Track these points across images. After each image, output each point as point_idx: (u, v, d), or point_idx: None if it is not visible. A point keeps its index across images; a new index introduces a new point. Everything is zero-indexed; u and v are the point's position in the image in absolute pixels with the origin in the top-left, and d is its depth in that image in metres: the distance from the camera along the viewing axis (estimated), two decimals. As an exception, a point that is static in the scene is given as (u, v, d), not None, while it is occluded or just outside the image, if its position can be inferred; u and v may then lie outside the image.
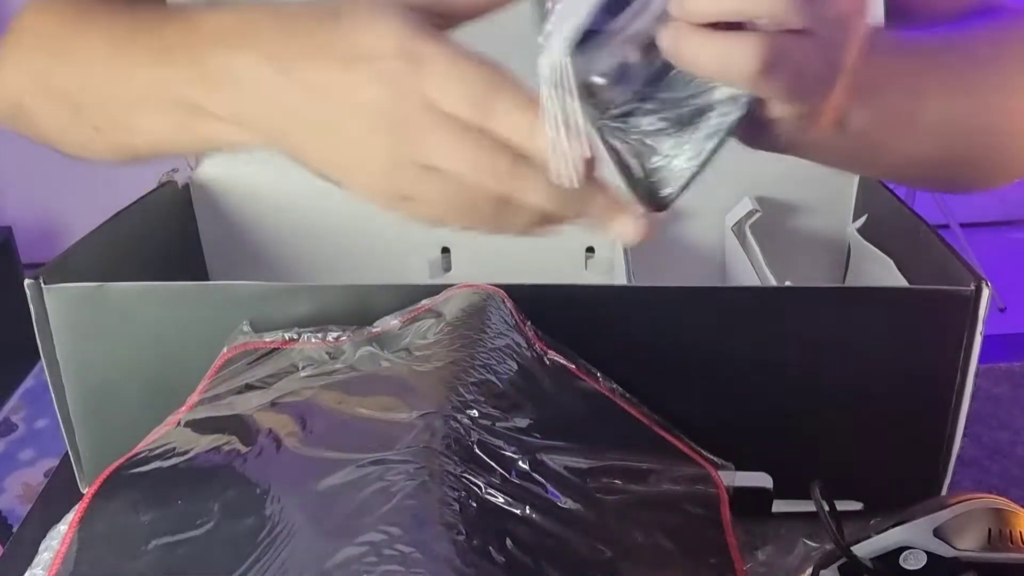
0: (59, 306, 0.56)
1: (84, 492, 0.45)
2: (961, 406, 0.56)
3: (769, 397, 0.56)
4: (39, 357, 0.57)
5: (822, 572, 0.48)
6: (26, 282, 0.55)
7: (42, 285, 0.55)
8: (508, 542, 0.40)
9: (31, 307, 0.56)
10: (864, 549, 0.47)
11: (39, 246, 2.04)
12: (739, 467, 0.53)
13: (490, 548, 0.39)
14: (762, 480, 0.53)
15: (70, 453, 0.60)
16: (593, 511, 0.45)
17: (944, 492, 0.58)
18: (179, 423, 0.48)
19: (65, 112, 0.57)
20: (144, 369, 0.57)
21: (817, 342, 0.55)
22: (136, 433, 0.50)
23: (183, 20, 0.48)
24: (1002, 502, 0.47)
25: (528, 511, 0.42)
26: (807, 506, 0.48)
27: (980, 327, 0.54)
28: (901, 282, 0.66)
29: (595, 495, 0.46)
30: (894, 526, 0.47)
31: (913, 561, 0.46)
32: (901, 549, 0.46)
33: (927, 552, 0.46)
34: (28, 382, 2.03)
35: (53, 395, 0.59)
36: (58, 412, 0.59)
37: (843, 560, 0.48)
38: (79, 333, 0.57)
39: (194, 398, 0.52)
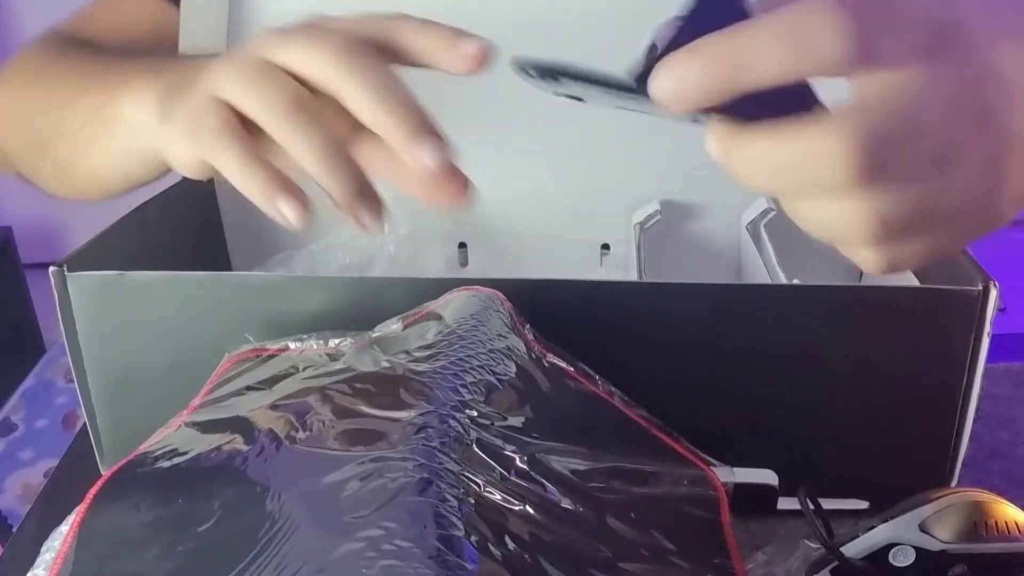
0: (81, 293, 0.58)
1: (103, 473, 0.46)
2: (968, 405, 0.56)
3: (774, 394, 0.56)
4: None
5: (815, 576, 0.48)
6: (50, 269, 0.57)
7: (65, 272, 0.57)
8: (507, 539, 0.40)
9: (54, 293, 0.58)
10: (853, 549, 0.48)
11: (39, 246, 2.03)
12: (744, 465, 0.53)
13: (489, 544, 0.39)
14: (767, 477, 0.53)
15: (91, 436, 0.62)
16: (593, 511, 0.45)
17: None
18: (181, 425, 0.49)
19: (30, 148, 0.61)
20: (163, 355, 0.59)
21: (823, 340, 0.55)
22: (156, 417, 0.51)
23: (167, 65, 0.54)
24: (983, 494, 0.48)
25: (527, 508, 0.43)
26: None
27: (988, 327, 0.54)
28: (912, 283, 0.66)
29: (595, 495, 0.46)
30: (880, 524, 0.47)
31: (902, 558, 0.47)
32: (889, 546, 0.47)
33: (915, 547, 0.47)
34: (28, 382, 2.02)
35: (75, 379, 0.60)
36: (80, 396, 0.61)
37: (834, 563, 0.48)
38: (100, 320, 0.59)
39: (196, 402, 0.52)
